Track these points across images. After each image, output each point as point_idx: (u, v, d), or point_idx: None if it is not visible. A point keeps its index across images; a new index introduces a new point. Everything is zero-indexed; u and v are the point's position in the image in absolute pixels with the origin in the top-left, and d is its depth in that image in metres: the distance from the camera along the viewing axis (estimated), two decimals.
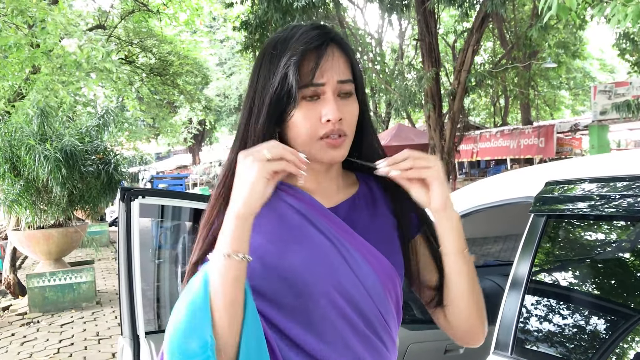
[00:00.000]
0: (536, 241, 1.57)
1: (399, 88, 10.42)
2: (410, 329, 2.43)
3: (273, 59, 1.02)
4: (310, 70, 0.98)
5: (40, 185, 6.98)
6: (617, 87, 12.11)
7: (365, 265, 1.03)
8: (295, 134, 1.01)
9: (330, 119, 0.98)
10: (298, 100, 0.98)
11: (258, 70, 1.05)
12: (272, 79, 1.00)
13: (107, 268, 10.20)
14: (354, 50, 1.07)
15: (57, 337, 5.84)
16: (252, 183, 0.89)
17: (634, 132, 17.06)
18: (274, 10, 9.24)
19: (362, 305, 1.02)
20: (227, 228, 0.90)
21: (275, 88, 0.99)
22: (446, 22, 19.15)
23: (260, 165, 0.89)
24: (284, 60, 0.98)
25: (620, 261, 1.50)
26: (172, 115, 20.06)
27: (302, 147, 1.00)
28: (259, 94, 1.03)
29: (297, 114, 0.99)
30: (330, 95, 0.99)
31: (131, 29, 13.73)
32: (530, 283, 1.56)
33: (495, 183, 1.90)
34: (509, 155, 14.99)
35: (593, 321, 1.48)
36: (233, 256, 0.88)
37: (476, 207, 1.91)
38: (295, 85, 0.97)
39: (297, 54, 0.97)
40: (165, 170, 27.18)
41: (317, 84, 0.98)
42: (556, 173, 1.67)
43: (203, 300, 0.86)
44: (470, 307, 1.09)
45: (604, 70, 25.77)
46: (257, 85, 1.04)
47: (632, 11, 2.95)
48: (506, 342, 1.58)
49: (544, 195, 1.60)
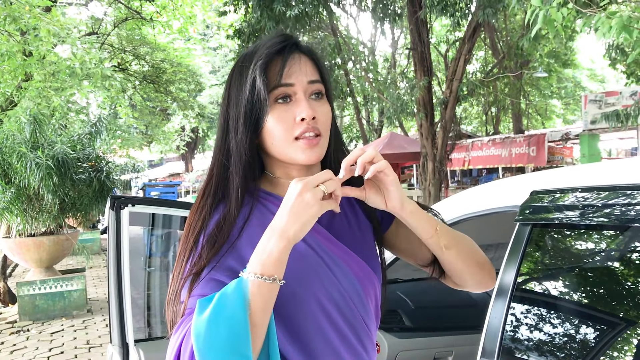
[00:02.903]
0: (521, 250, 1.59)
1: (391, 97, 10.48)
2: (399, 337, 2.44)
3: (243, 70, 1.05)
4: (278, 72, 1.01)
5: (32, 193, 6.95)
6: (608, 96, 12.22)
7: (349, 272, 1.06)
8: (272, 138, 1.03)
9: (304, 117, 1.00)
10: (270, 104, 1.01)
11: (229, 85, 1.08)
12: (243, 89, 1.03)
13: (98, 276, 10.15)
14: (320, 55, 1.11)
15: (47, 346, 5.80)
16: (309, 218, 0.90)
17: (624, 141, 17.19)
18: (267, 19, 9.30)
19: (346, 311, 1.05)
20: (274, 253, 0.89)
21: (248, 96, 1.02)
22: (438, 32, 19.29)
23: (319, 205, 0.91)
24: (252, 68, 1.02)
25: (605, 269, 1.52)
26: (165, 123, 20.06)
27: (280, 150, 1.03)
28: (233, 107, 1.05)
29: (271, 119, 1.01)
30: (301, 96, 1.02)
31: (124, 37, 13.75)
32: (515, 291, 1.58)
33: (482, 192, 1.92)
34: (500, 163, 15.08)
35: (578, 329, 1.50)
36: (277, 281, 0.90)
37: (464, 216, 1.93)
38: (264, 88, 1.00)
39: (262, 58, 1.01)
40: (158, 177, 27.12)
41: (286, 84, 1.01)
42: (541, 183, 1.70)
43: (243, 320, 0.85)
44: (470, 266, 1.18)
45: (594, 80, 25.98)
46: (230, 100, 1.07)
47: (616, 23, 3.01)
48: (492, 350, 1.60)
49: (529, 205, 1.62)
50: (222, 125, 1.08)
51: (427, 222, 1.07)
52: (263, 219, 1.03)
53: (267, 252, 0.89)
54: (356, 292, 1.06)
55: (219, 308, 0.86)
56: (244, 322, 0.85)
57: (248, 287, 0.87)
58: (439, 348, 2.51)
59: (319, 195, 0.90)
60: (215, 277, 0.97)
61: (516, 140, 14.40)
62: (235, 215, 1.03)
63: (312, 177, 0.92)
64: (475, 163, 15.91)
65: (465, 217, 1.92)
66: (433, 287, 3.10)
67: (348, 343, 1.04)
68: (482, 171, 17.95)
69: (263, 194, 1.09)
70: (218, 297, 0.87)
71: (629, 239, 1.44)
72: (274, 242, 0.89)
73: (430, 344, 2.50)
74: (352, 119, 22.54)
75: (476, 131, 23.41)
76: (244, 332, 0.85)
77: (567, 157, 15.04)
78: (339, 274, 1.05)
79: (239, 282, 0.88)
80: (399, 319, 2.57)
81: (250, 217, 1.04)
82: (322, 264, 1.04)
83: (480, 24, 9.27)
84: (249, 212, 1.05)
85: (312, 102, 1.04)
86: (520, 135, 15.10)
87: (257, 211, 1.06)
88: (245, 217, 1.04)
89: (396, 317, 2.57)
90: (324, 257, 1.05)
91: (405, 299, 2.71)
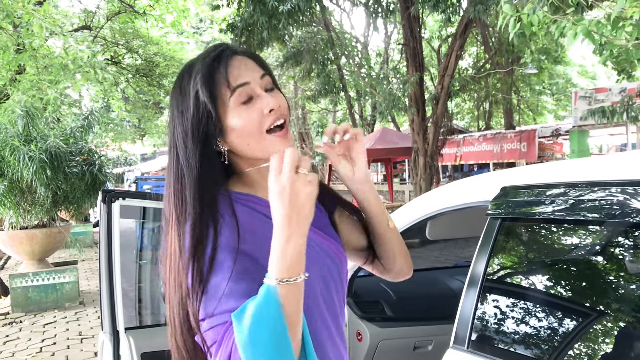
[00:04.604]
0: (491, 243, 1.68)
1: (384, 92, 10.55)
2: (380, 327, 2.54)
3: (182, 87, 1.08)
4: (225, 77, 1.04)
5: (24, 186, 7.00)
6: (597, 93, 12.35)
7: (330, 252, 1.16)
8: (246, 139, 1.06)
9: (272, 107, 1.05)
10: (229, 107, 1.04)
11: (171, 106, 1.10)
12: (186, 105, 1.05)
13: (90, 269, 10.20)
14: (255, 53, 1.15)
15: (40, 337, 5.87)
16: (311, 205, 0.92)
17: (614, 137, 17.34)
18: (259, 14, 9.34)
19: (333, 288, 1.15)
20: (295, 253, 0.90)
21: (192, 111, 1.04)
22: (431, 27, 19.35)
23: (312, 187, 0.92)
24: (192, 83, 1.05)
25: (570, 261, 1.61)
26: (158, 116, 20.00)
27: (255, 148, 1.07)
28: (179, 126, 1.07)
29: (238, 122, 1.04)
30: (260, 91, 1.06)
31: (117, 30, 13.74)
32: (485, 282, 1.67)
33: (457, 188, 2.01)
34: (492, 159, 15.18)
35: (544, 318, 1.59)
36: (302, 276, 0.91)
37: (440, 210, 2.02)
38: (209, 99, 1.02)
39: (201, 71, 1.04)
40: (151, 171, 27.07)
41: (242, 83, 1.05)
42: (512, 179, 1.78)
43: (282, 325, 0.87)
44: (402, 250, 1.30)
45: (585, 76, 26.12)
46: (174, 120, 1.08)
47: (580, 30, 3.20)
48: (463, 337, 1.69)
49: (499, 200, 1.71)
50: (171, 147, 1.08)
51: (379, 200, 1.22)
52: (251, 217, 1.07)
53: (288, 256, 0.89)
54: (337, 270, 1.17)
55: (257, 319, 0.86)
56: (282, 327, 0.86)
57: (278, 292, 0.87)
58: (419, 337, 2.60)
59: (306, 178, 0.91)
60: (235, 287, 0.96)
61: (507, 135, 14.51)
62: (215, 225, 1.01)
63: (285, 165, 0.91)
64: (466, 158, 16.02)
65: (441, 212, 2.00)
66: (414, 279, 3.20)
67: (334, 315, 1.14)
68: (473, 166, 18.06)
69: (236, 195, 1.10)
70: (253, 308, 0.87)
71: (594, 233, 1.53)
72: (292, 244, 0.89)
73: (411, 333, 2.60)
74: (345, 114, 22.60)
75: (468, 126, 23.52)
76: (285, 337, 0.87)
77: (557, 152, 15.17)
78: (324, 256, 1.15)
79: (268, 290, 0.88)
80: (381, 309, 2.66)
81: (239, 219, 1.04)
82: (313, 247, 1.10)
83: (472, 20, 9.35)
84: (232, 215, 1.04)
85: (270, 93, 1.08)
86: (511, 131, 15.22)
87: (244, 211, 1.08)
88: (234, 221, 1.03)
89: (378, 308, 2.66)
90: (310, 240, 1.12)
91: (387, 290, 2.81)
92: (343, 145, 1.18)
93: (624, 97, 8.25)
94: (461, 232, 2.47)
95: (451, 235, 2.49)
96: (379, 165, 20.44)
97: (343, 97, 16.72)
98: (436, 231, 2.37)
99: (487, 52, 15.35)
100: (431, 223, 2.28)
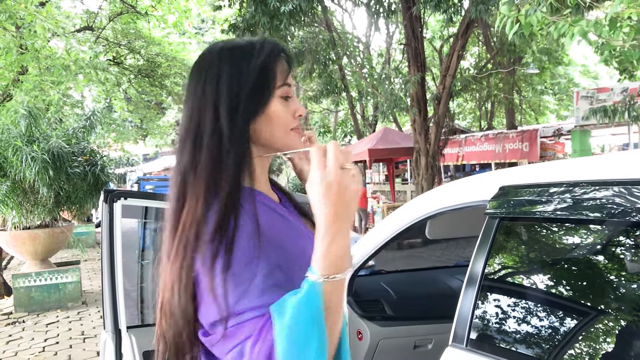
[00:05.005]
0: (490, 242, 1.69)
1: (385, 92, 10.56)
2: (380, 325, 2.55)
3: (243, 57, 1.07)
4: (283, 71, 1.10)
5: (27, 186, 7.03)
6: (599, 92, 12.32)
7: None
8: (274, 127, 1.08)
9: (302, 114, 1.14)
10: (275, 96, 1.08)
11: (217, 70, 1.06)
12: (245, 72, 1.05)
13: (93, 269, 10.23)
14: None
15: (43, 336, 5.90)
16: (356, 201, 0.91)
17: (616, 137, 17.31)
18: (261, 14, 9.36)
19: None
20: (343, 250, 0.89)
21: (253, 81, 1.04)
22: (433, 27, 19.35)
23: (357, 184, 0.91)
24: (261, 59, 1.06)
25: (568, 260, 1.62)
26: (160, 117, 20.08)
27: (279, 139, 1.10)
28: (226, 89, 1.04)
29: (276, 112, 1.07)
30: (294, 95, 1.15)
31: (119, 31, 13.78)
32: (484, 281, 1.68)
33: (456, 187, 2.02)
34: (494, 159, 15.14)
35: (543, 317, 1.60)
36: (348, 272, 0.91)
37: (440, 210, 2.03)
38: (273, 79, 1.07)
39: (275, 54, 1.09)
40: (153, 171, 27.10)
41: (289, 84, 1.11)
42: (510, 178, 1.80)
43: (323, 321, 0.86)
44: None
45: (587, 76, 26.09)
46: (220, 83, 1.05)
47: (577, 31, 3.26)
48: (462, 336, 1.71)
49: (497, 199, 1.72)
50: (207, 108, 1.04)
51: None
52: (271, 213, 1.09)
53: (334, 253, 0.88)
54: None
55: (300, 314, 0.85)
56: (322, 325, 0.86)
57: (322, 289, 0.87)
58: (419, 336, 2.61)
59: (350, 174, 0.90)
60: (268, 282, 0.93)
61: (509, 135, 14.49)
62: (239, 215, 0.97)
63: (329, 161, 0.89)
64: (468, 158, 15.99)
65: (440, 211, 2.02)
66: (414, 278, 3.21)
67: None
68: (475, 166, 18.04)
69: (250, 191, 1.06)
70: (296, 303, 0.86)
71: (592, 233, 1.55)
72: (340, 240, 0.88)
73: (411, 332, 2.61)
74: (347, 114, 22.63)
75: (470, 126, 23.51)
76: (323, 333, 0.86)
77: (559, 152, 15.13)
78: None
79: (312, 285, 0.87)
80: (381, 308, 2.67)
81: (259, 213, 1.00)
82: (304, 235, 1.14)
83: (474, 20, 9.35)
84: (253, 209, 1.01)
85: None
86: (513, 130, 15.19)
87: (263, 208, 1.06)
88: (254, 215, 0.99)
89: (378, 307, 2.67)
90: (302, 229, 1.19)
91: (387, 289, 2.82)
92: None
93: (625, 97, 8.24)
94: (461, 231, 2.48)
95: (451, 235, 2.50)
96: (381, 165, 20.43)
97: (345, 97, 16.74)
98: (436, 231, 2.38)
99: (488, 52, 15.34)
100: (431, 222, 2.29)
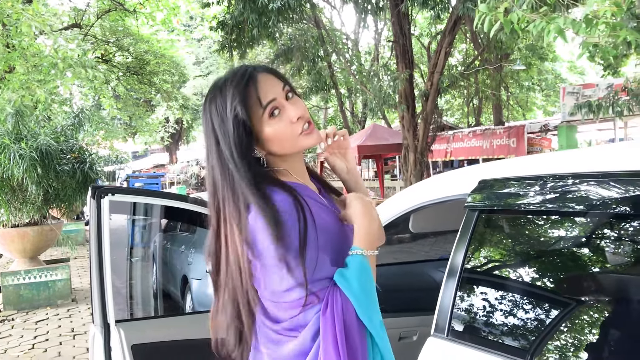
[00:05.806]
0: (469, 234, 1.74)
1: (374, 89, 10.60)
2: None
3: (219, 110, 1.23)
4: (256, 98, 1.22)
5: (15, 184, 7.01)
6: (585, 88, 12.44)
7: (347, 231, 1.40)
8: (279, 142, 1.25)
9: (298, 116, 1.24)
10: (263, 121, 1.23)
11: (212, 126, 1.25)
12: (227, 122, 1.21)
13: (82, 266, 10.21)
14: (272, 68, 1.34)
15: (32, 334, 5.90)
16: None
17: (602, 133, 17.47)
18: (249, 11, 9.36)
19: None
20: (378, 234, 1.28)
21: (233, 130, 1.21)
22: (421, 24, 19.41)
23: None
24: (229, 107, 1.21)
25: (546, 252, 1.67)
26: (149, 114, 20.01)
27: (291, 147, 1.27)
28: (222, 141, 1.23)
29: (270, 129, 1.23)
30: (284, 103, 1.25)
31: (107, 28, 13.73)
32: (464, 272, 1.73)
33: (438, 182, 2.07)
34: (482, 155, 15.24)
35: (520, 306, 1.65)
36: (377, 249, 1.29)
37: (422, 204, 2.08)
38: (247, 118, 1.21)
39: (239, 94, 1.21)
40: (142, 169, 27.03)
41: (270, 101, 1.22)
42: (489, 172, 1.85)
43: (373, 282, 1.22)
44: None
45: (574, 72, 26.28)
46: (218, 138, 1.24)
47: (553, 28, 3.36)
48: (443, 326, 1.76)
49: (476, 192, 1.77)
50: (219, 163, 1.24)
51: (364, 186, 1.56)
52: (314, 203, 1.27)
53: (376, 235, 1.27)
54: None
55: (362, 276, 1.17)
56: (373, 284, 1.21)
57: (367, 259, 1.21)
58: (404, 328, 2.67)
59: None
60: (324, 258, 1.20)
61: (496, 132, 14.60)
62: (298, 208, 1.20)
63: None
64: (456, 154, 16.10)
65: (423, 205, 2.07)
66: (400, 271, 3.27)
67: None
68: (463, 162, 18.14)
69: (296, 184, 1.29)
70: (357, 269, 1.18)
71: (569, 224, 1.60)
72: (375, 227, 1.27)
73: (397, 324, 2.66)
74: (336, 111, 22.66)
75: (458, 123, 23.63)
76: (374, 292, 1.21)
77: (545, 148, 15.26)
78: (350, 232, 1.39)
79: (362, 258, 1.20)
80: None
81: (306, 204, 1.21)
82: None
83: (461, 17, 9.41)
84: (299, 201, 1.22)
85: (291, 102, 1.26)
86: (500, 127, 15.30)
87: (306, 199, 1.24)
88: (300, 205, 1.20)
89: None
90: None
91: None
92: (334, 145, 1.46)
93: (610, 92, 8.35)
94: (443, 224, 2.53)
95: (433, 228, 2.56)
96: (370, 162, 20.48)
97: (334, 94, 16.77)
98: (419, 224, 2.43)
99: (476, 49, 15.43)
100: (414, 216, 2.34)
